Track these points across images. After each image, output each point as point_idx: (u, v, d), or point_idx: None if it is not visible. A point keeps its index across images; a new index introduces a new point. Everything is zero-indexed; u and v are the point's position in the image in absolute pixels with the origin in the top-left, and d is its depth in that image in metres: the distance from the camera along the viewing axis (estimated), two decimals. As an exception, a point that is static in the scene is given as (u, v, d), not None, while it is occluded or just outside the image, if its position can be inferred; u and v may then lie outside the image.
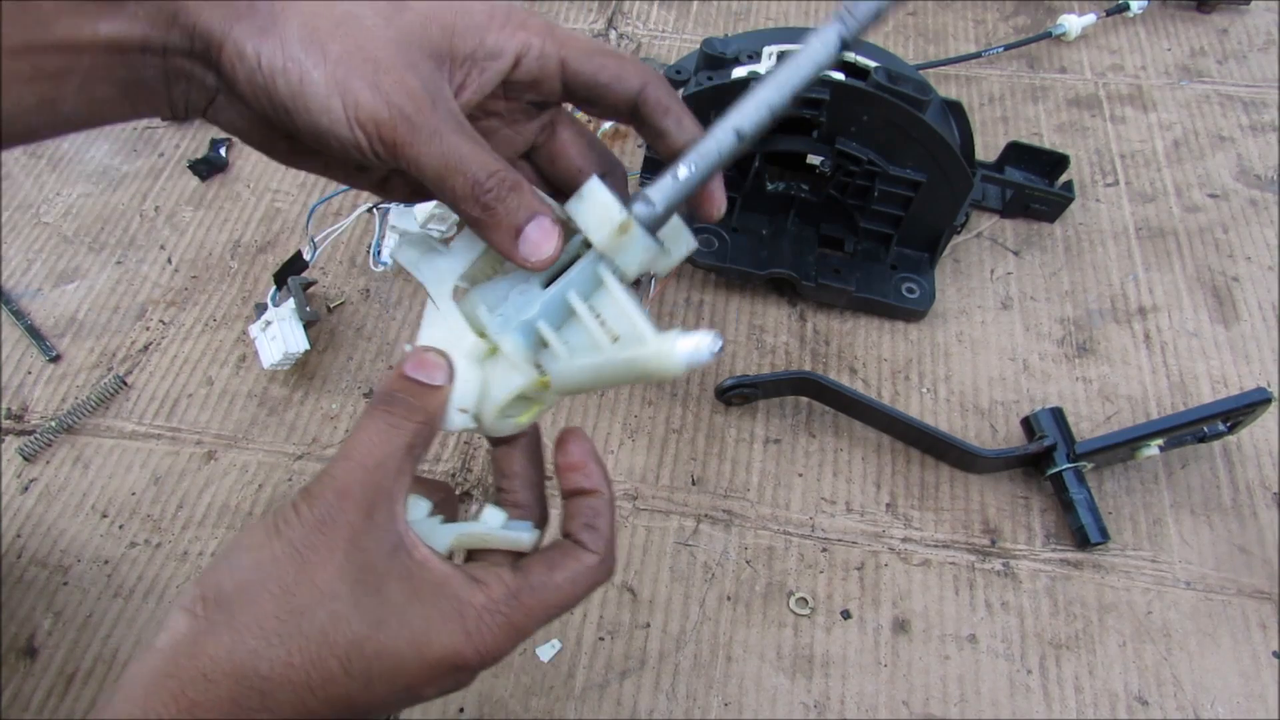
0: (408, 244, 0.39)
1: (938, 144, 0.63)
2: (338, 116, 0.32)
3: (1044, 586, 0.58)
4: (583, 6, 0.94)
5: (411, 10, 0.34)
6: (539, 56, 0.36)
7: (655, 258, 0.36)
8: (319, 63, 0.31)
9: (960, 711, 0.54)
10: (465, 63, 0.35)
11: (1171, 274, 0.73)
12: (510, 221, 0.34)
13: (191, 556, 0.59)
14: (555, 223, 0.35)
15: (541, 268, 0.35)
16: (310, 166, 0.39)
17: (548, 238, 0.35)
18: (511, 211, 0.34)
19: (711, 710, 0.54)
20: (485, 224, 0.34)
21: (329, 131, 0.32)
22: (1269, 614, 0.57)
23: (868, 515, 0.62)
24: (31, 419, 0.66)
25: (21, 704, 0.54)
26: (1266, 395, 0.58)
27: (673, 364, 0.33)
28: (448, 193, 0.34)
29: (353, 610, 0.30)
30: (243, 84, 0.32)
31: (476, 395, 0.35)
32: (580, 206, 0.35)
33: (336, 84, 0.32)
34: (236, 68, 0.32)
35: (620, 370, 0.34)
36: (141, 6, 0.31)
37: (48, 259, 0.74)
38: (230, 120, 0.35)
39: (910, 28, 0.92)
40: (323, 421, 0.66)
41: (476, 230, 0.35)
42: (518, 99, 0.38)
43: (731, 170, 0.68)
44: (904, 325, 0.71)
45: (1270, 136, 0.82)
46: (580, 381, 0.35)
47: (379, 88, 0.32)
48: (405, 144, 0.32)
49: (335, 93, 0.32)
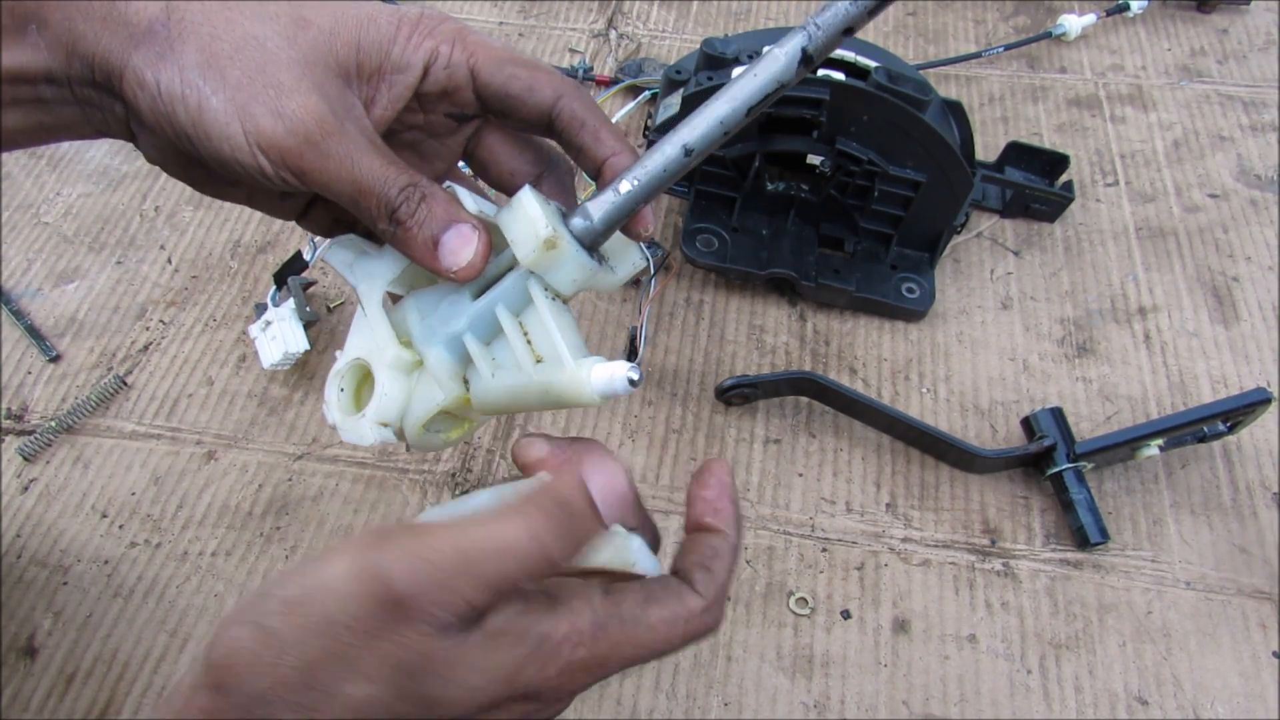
0: (340, 245, 0.37)
1: (938, 144, 0.63)
2: (239, 144, 0.31)
3: (1044, 586, 0.58)
4: (583, 6, 0.94)
5: (315, 28, 0.32)
6: (447, 66, 0.35)
7: (593, 275, 0.34)
8: (218, 89, 0.30)
9: (960, 711, 0.54)
10: (373, 78, 0.34)
11: (1171, 274, 0.73)
12: (425, 233, 0.33)
13: (191, 556, 0.59)
14: (476, 229, 0.33)
15: (467, 277, 0.33)
16: (233, 197, 0.37)
17: (466, 244, 0.33)
18: (423, 223, 0.33)
19: (711, 710, 0.54)
20: (401, 238, 0.33)
21: (231, 159, 0.31)
22: (1269, 614, 0.57)
23: (868, 515, 0.62)
24: (31, 419, 0.66)
25: (21, 704, 0.54)
26: (1266, 395, 0.58)
27: (586, 392, 0.31)
28: (363, 213, 0.33)
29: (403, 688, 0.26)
30: (146, 113, 0.31)
31: (399, 408, 0.33)
32: (509, 218, 0.33)
33: (236, 110, 0.30)
34: (138, 96, 0.31)
35: (536, 395, 0.32)
36: (42, 37, 0.30)
37: (48, 259, 0.74)
38: (147, 149, 0.34)
39: (910, 28, 0.92)
40: (323, 421, 0.66)
41: (397, 247, 0.34)
42: (434, 111, 0.36)
43: (731, 170, 0.68)
44: (904, 325, 0.71)
45: (1270, 136, 0.82)
46: (498, 402, 0.33)
47: (280, 113, 0.31)
48: (312, 169, 0.31)
49: (235, 119, 0.30)
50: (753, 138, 0.66)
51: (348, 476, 0.63)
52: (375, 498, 0.62)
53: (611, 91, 0.85)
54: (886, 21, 0.93)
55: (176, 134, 0.32)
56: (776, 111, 0.64)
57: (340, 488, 0.62)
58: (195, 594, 0.58)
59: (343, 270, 0.36)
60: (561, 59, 0.89)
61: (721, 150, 0.66)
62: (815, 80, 0.62)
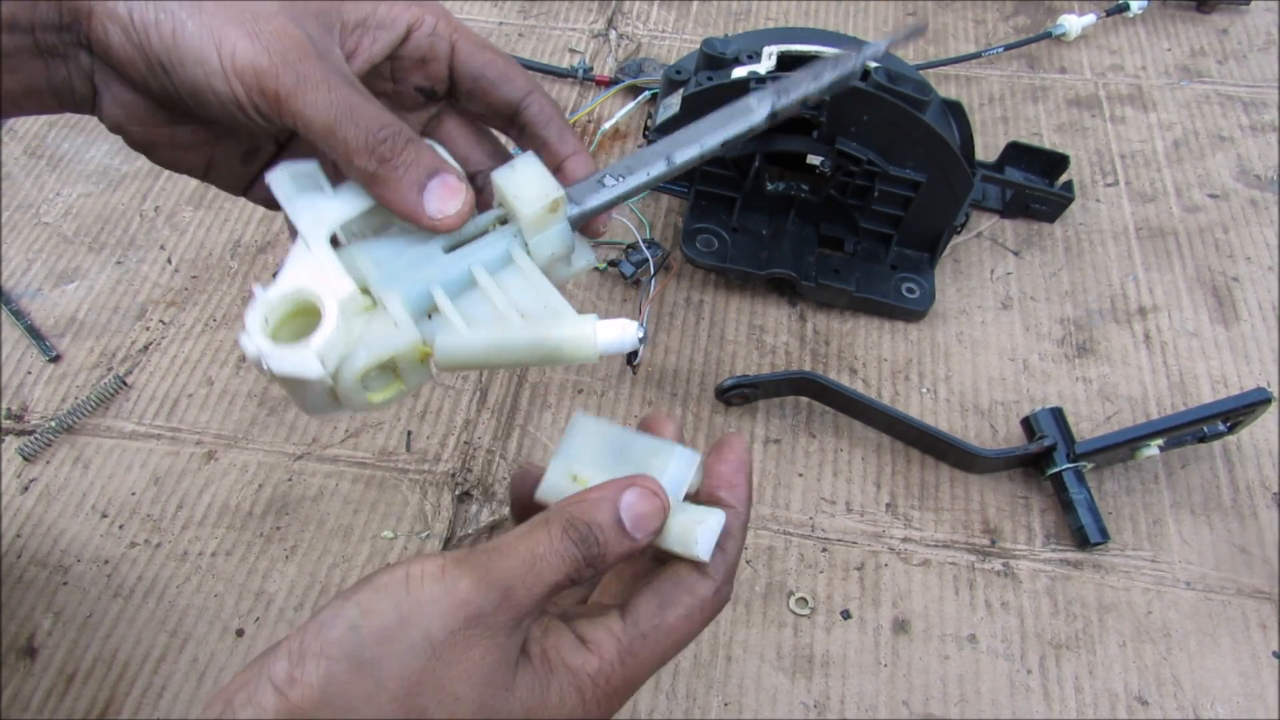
0: (287, 171, 0.34)
1: (938, 144, 0.63)
2: (213, 67, 0.30)
3: (1044, 586, 0.58)
4: (583, 6, 0.94)
5: None
6: (430, 33, 0.34)
7: (565, 253, 0.35)
8: (194, 14, 0.30)
9: (960, 711, 0.54)
10: (356, 30, 0.33)
11: (1171, 274, 0.73)
12: (412, 176, 0.32)
13: (191, 556, 0.59)
14: (463, 180, 0.32)
15: (449, 228, 0.32)
16: (190, 164, 0.36)
17: (453, 195, 0.32)
18: (411, 165, 0.32)
19: (711, 710, 0.54)
20: (383, 179, 0.32)
21: (205, 86, 0.30)
22: (1269, 614, 0.57)
23: (868, 515, 0.62)
24: (31, 419, 0.66)
25: (21, 704, 0.54)
26: (1266, 395, 0.58)
27: (588, 346, 0.31)
28: (339, 145, 0.31)
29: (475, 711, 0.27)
30: (115, 49, 0.30)
31: (344, 349, 0.31)
32: (512, 176, 0.33)
33: (211, 33, 0.30)
34: (107, 31, 0.30)
35: (527, 348, 0.31)
36: None
37: (48, 259, 0.74)
38: (109, 107, 0.33)
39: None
40: (323, 421, 0.66)
41: (373, 189, 0.32)
42: (405, 82, 0.36)
43: (731, 170, 0.68)
44: (904, 325, 0.71)
45: (1270, 136, 0.82)
46: (474, 356, 0.32)
47: (258, 35, 0.30)
48: (288, 94, 0.30)
49: (210, 42, 0.30)
50: (753, 138, 0.66)
51: (348, 476, 0.63)
52: (375, 498, 0.62)
53: (611, 91, 0.85)
54: (886, 22, 0.93)
55: (149, 65, 0.30)
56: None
57: (340, 488, 0.62)
58: (195, 594, 0.58)
59: (284, 200, 0.33)
60: (561, 59, 0.89)
61: (721, 150, 0.67)
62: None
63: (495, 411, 0.66)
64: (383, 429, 0.65)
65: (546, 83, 0.87)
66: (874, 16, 0.93)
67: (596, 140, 0.81)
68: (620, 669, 0.29)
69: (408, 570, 0.28)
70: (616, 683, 0.29)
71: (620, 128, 0.83)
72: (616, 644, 0.29)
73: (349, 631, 0.26)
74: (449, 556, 0.28)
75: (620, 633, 0.29)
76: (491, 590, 0.27)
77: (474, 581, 0.27)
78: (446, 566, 0.28)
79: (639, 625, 0.30)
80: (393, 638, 0.26)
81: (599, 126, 0.82)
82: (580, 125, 0.84)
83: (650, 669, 0.30)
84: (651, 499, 0.30)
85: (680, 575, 0.31)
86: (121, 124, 0.34)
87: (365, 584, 0.28)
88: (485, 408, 0.66)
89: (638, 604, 0.30)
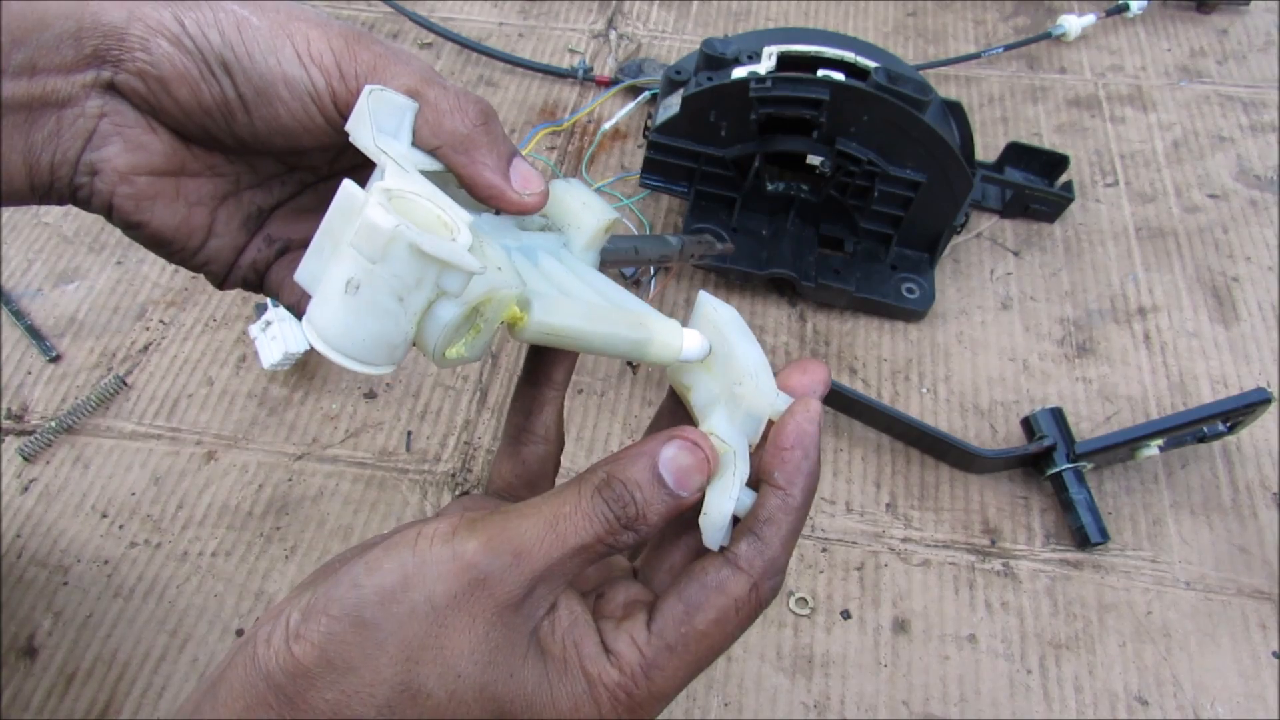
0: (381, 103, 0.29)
1: (938, 144, 0.63)
2: (288, 54, 0.29)
3: (1044, 586, 0.58)
4: (583, 7, 0.94)
5: None
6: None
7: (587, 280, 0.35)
8: (256, 11, 0.30)
9: (960, 711, 0.54)
10: None
11: (1171, 274, 0.73)
12: (502, 149, 0.31)
13: (191, 556, 0.59)
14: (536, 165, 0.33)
15: (533, 207, 0.31)
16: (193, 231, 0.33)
17: (536, 176, 0.31)
18: (500, 139, 0.31)
19: (711, 710, 0.54)
20: (476, 144, 0.30)
21: (278, 77, 0.29)
22: (1269, 614, 0.57)
23: (868, 515, 0.62)
24: (31, 419, 0.66)
25: (21, 704, 0.54)
26: (1266, 395, 0.58)
27: (674, 349, 0.30)
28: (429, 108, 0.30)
29: (477, 694, 0.26)
30: (160, 65, 0.29)
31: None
32: (571, 190, 0.33)
33: (281, 27, 0.30)
34: (150, 47, 0.29)
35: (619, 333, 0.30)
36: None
37: (48, 259, 0.74)
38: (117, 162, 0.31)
39: (910, 28, 0.92)
40: (323, 421, 0.66)
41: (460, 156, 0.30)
42: None
43: (731, 170, 0.68)
44: (904, 325, 0.71)
45: (1270, 136, 0.82)
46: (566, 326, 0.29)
47: (328, 27, 0.30)
48: (366, 62, 0.30)
49: (282, 34, 0.30)
50: (753, 138, 0.66)
51: (348, 476, 0.63)
52: (375, 498, 0.62)
53: (611, 92, 0.85)
54: (886, 22, 0.93)
55: (204, 69, 0.29)
56: (777, 112, 0.64)
57: (340, 488, 0.62)
58: (195, 594, 0.58)
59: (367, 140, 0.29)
60: (561, 59, 0.89)
61: (722, 151, 0.67)
62: (816, 80, 0.62)
63: (495, 411, 0.66)
64: (383, 429, 0.65)
65: (547, 82, 0.87)
66: (874, 16, 0.93)
67: (597, 140, 0.81)
68: (645, 683, 0.27)
69: (420, 530, 0.26)
70: (641, 697, 0.27)
71: (620, 128, 0.83)
72: (639, 657, 0.27)
73: (351, 589, 0.25)
74: (465, 517, 0.27)
75: (644, 644, 0.27)
76: (501, 552, 0.26)
77: (482, 542, 0.26)
78: (459, 527, 0.26)
79: (664, 636, 0.27)
80: (394, 599, 0.25)
81: (599, 127, 0.82)
82: (580, 125, 0.84)
83: (681, 681, 0.27)
84: (694, 450, 0.27)
85: (708, 572, 0.27)
86: (126, 177, 0.31)
87: (379, 540, 0.27)
88: (485, 408, 0.66)
89: (663, 609, 0.27)
